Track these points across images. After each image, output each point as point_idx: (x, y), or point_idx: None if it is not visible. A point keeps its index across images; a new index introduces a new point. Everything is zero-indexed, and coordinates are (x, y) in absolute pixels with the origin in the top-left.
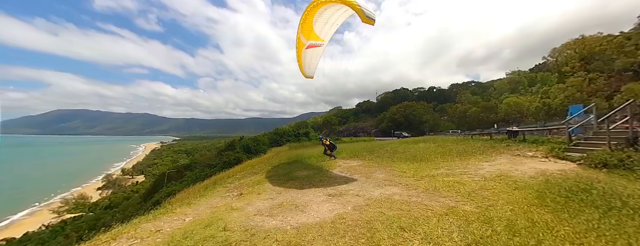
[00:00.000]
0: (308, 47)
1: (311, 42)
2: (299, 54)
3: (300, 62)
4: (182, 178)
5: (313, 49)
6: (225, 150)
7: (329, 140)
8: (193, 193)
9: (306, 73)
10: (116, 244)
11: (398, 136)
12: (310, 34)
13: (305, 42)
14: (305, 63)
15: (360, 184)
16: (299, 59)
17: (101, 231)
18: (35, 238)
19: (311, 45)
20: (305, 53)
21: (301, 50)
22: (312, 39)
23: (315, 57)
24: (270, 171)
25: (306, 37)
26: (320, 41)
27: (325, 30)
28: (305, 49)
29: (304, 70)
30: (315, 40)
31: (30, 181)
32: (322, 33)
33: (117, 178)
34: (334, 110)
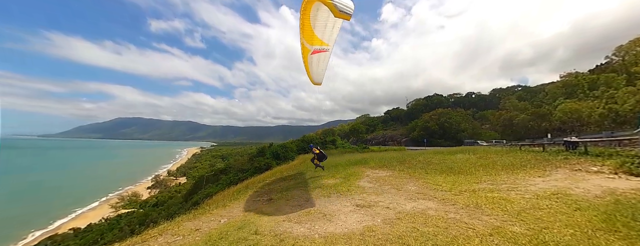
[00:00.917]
0: (313, 52)
1: (316, 47)
2: (305, 60)
3: (307, 68)
4: (218, 181)
5: (318, 54)
6: (256, 156)
7: (319, 149)
8: (227, 196)
9: (314, 80)
10: (162, 239)
11: (471, 144)
12: (313, 39)
13: (310, 47)
14: (313, 69)
15: (391, 196)
16: (306, 65)
17: (150, 227)
18: (96, 229)
19: (316, 50)
20: (311, 59)
21: (307, 56)
22: (316, 44)
23: (322, 63)
24: (298, 178)
25: (309, 42)
26: (325, 46)
27: (327, 34)
28: (310, 55)
29: (312, 76)
30: (320, 45)
31: (96, 179)
32: (325, 37)
33: (164, 179)
34: (361, 118)
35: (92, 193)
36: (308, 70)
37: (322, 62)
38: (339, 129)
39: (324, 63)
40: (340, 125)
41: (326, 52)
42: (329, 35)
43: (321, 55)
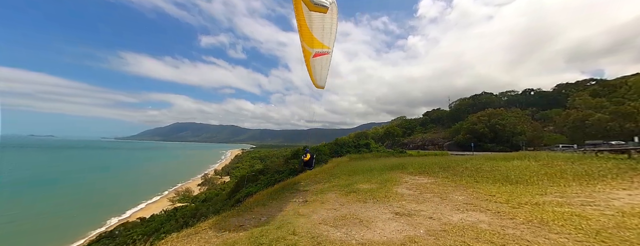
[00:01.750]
0: (315, 55)
1: (317, 50)
2: (308, 64)
3: (310, 71)
4: (256, 181)
5: (320, 57)
6: (291, 158)
7: (311, 155)
8: (266, 195)
9: (318, 84)
10: (211, 232)
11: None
12: (313, 42)
13: (311, 50)
14: (316, 72)
15: (434, 205)
16: (309, 68)
17: (201, 220)
18: (157, 219)
19: (318, 53)
20: (313, 62)
21: (309, 59)
22: (316, 46)
23: (324, 66)
24: (332, 181)
25: (309, 45)
26: (326, 49)
27: (326, 36)
28: (312, 58)
29: (315, 80)
30: (321, 48)
31: (157, 176)
32: (325, 40)
33: (211, 177)
34: (397, 120)
35: (154, 188)
36: (311, 74)
37: (325, 65)
38: (373, 132)
39: (326, 67)
40: (374, 128)
41: (327, 54)
42: (329, 38)
43: (323, 58)
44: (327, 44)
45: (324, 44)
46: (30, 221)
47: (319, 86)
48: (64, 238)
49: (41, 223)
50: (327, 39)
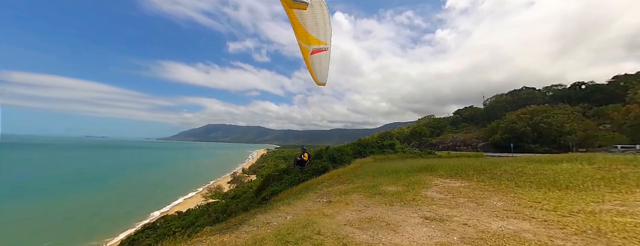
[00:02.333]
0: (313, 52)
1: (314, 47)
2: (307, 62)
3: (310, 69)
4: (281, 180)
5: (319, 54)
6: (314, 159)
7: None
8: (291, 195)
9: (319, 81)
10: (241, 227)
11: None
12: (309, 39)
13: (308, 47)
14: (316, 69)
15: (469, 211)
16: (309, 66)
17: (232, 216)
18: (193, 213)
19: (315, 50)
20: (312, 59)
21: (307, 56)
22: (313, 43)
23: (324, 63)
24: (356, 182)
25: (306, 42)
26: (323, 45)
27: (321, 32)
28: (311, 55)
29: (316, 77)
30: (318, 45)
31: (192, 173)
32: (321, 36)
33: (239, 175)
34: (424, 120)
35: (190, 184)
36: (311, 71)
37: (324, 62)
38: (398, 132)
39: (325, 63)
40: (399, 128)
41: (326, 51)
42: (324, 34)
43: (321, 54)
44: (323, 40)
45: (321, 40)
46: (88, 211)
47: (320, 83)
48: (117, 227)
49: (98, 213)
50: (322, 34)
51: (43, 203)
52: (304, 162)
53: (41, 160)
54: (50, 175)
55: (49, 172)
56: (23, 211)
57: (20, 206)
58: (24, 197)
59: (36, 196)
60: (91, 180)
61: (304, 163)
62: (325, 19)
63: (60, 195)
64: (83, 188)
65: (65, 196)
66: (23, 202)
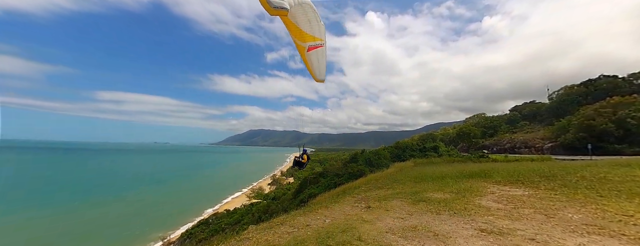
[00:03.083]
0: (309, 49)
1: (310, 44)
2: (304, 59)
3: (308, 66)
4: (317, 183)
5: (315, 50)
6: (349, 162)
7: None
8: (328, 198)
9: (317, 77)
10: (283, 228)
11: None
12: (303, 36)
13: (303, 44)
14: (314, 66)
15: (536, 224)
16: (306, 63)
17: (274, 216)
18: (239, 212)
19: (311, 47)
20: (309, 56)
21: (304, 53)
22: (307, 40)
23: (321, 59)
24: (396, 188)
25: (300, 39)
26: (319, 41)
27: (315, 28)
28: (307, 52)
29: (314, 74)
30: (313, 41)
31: (239, 174)
32: (315, 32)
33: (278, 177)
34: (473, 119)
35: (236, 185)
36: (309, 68)
37: (321, 58)
38: (442, 133)
39: (323, 59)
40: (444, 129)
41: (322, 47)
42: (318, 30)
43: (318, 51)
44: (318, 36)
45: (315, 37)
46: (157, 206)
47: (318, 80)
48: (179, 221)
49: (164, 208)
50: (317, 31)
51: (125, 198)
52: (303, 163)
53: (124, 162)
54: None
55: (131, 172)
56: (111, 204)
57: (111, 200)
58: (117, 192)
59: (121, 192)
60: (160, 180)
61: (303, 164)
62: (316, 17)
63: (137, 192)
64: (155, 186)
65: (140, 193)
66: (113, 196)
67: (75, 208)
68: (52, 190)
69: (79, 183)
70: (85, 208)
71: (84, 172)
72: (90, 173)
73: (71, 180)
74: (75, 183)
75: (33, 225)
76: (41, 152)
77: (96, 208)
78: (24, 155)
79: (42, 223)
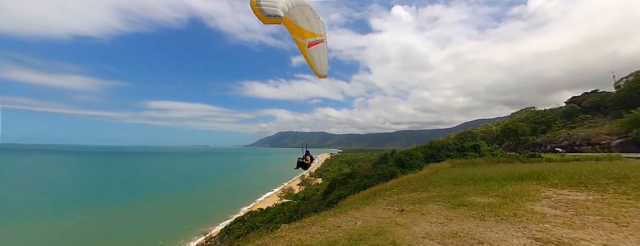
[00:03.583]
0: (309, 45)
1: (310, 40)
2: (305, 55)
3: (310, 62)
4: (346, 184)
5: (315, 46)
6: (379, 163)
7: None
8: (358, 199)
9: (320, 73)
10: (314, 228)
11: None
12: (303, 33)
13: (304, 41)
14: (315, 61)
15: (605, 233)
16: (308, 60)
17: (305, 216)
18: (271, 211)
19: (311, 43)
20: (310, 52)
21: (304, 50)
22: (307, 37)
23: (322, 54)
24: (432, 191)
25: (300, 36)
26: (319, 37)
27: (314, 25)
28: (307, 48)
29: (317, 69)
30: (313, 38)
31: (270, 175)
32: (314, 28)
33: (307, 178)
34: (521, 113)
35: (269, 185)
36: (311, 64)
37: (322, 54)
38: (483, 131)
39: (324, 55)
40: (485, 126)
41: (322, 42)
42: (317, 26)
43: (319, 46)
44: (317, 32)
45: (315, 33)
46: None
47: (321, 75)
48: (217, 218)
49: (205, 206)
50: (315, 27)
51: (176, 195)
52: (307, 164)
53: (172, 164)
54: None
55: (179, 173)
56: (165, 201)
57: (164, 197)
58: (169, 190)
59: (172, 190)
60: (203, 179)
61: (307, 165)
62: (314, 14)
63: (185, 190)
64: (198, 184)
65: (188, 190)
66: (166, 193)
67: (137, 204)
68: (117, 188)
69: (138, 182)
70: (144, 204)
71: (141, 172)
72: (146, 173)
73: (132, 180)
74: (135, 182)
75: (102, 217)
76: (104, 156)
77: (153, 203)
78: (91, 159)
79: (109, 215)
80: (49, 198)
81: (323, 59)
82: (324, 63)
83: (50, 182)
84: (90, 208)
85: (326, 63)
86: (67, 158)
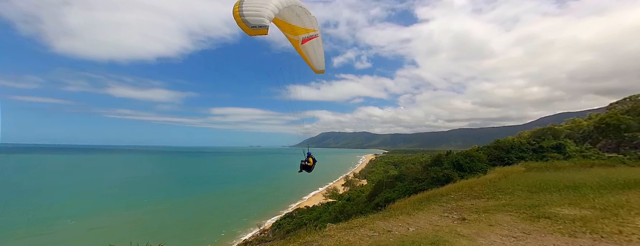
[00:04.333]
0: (303, 41)
1: (303, 36)
2: (300, 52)
3: (306, 58)
4: (393, 187)
5: (310, 41)
6: (431, 165)
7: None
8: (409, 204)
9: (316, 68)
10: (363, 231)
11: None
12: (294, 30)
13: (297, 37)
14: (311, 57)
15: None
16: (303, 56)
17: (352, 217)
18: (317, 209)
19: (305, 39)
20: (304, 48)
21: (298, 47)
22: (300, 33)
23: (318, 49)
24: (501, 198)
25: (292, 33)
26: (312, 32)
27: (306, 21)
28: (301, 44)
29: (313, 65)
30: (306, 33)
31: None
32: (306, 24)
33: (351, 179)
34: (625, 103)
35: (313, 184)
36: (307, 60)
37: (317, 48)
38: (569, 127)
39: (319, 49)
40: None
41: (317, 37)
42: (309, 22)
43: (313, 41)
44: (310, 28)
45: (308, 28)
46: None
47: (318, 71)
48: (269, 213)
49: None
50: (307, 23)
51: (238, 190)
52: (310, 167)
53: (233, 163)
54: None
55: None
56: (230, 195)
57: (229, 191)
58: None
59: (235, 185)
60: (259, 176)
61: (310, 167)
62: (305, 11)
63: (245, 185)
64: (256, 181)
65: (247, 186)
66: (231, 188)
67: (206, 196)
68: (191, 182)
69: (207, 178)
70: (212, 196)
71: (209, 169)
72: (214, 170)
73: (203, 175)
74: (204, 177)
75: (180, 205)
76: (180, 155)
77: (219, 196)
78: (170, 158)
79: (185, 204)
80: (140, 188)
81: (319, 54)
82: (320, 58)
83: (140, 176)
84: (171, 198)
85: (322, 57)
86: (153, 157)
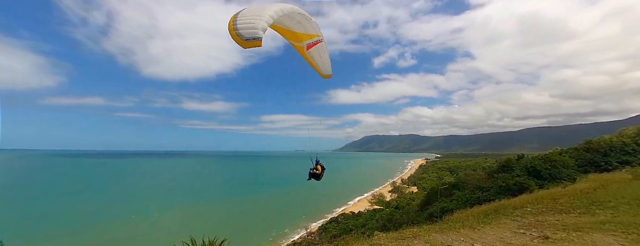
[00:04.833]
0: (308, 47)
1: (307, 42)
2: (306, 58)
3: (312, 64)
4: (450, 196)
5: (314, 47)
6: (498, 172)
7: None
8: (472, 216)
9: (324, 73)
10: (417, 242)
11: None
12: (298, 37)
13: (301, 44)
14: (317, 62)
15: None
16: (310, 62)
17: (403, 227)
18: (363, 216)
19: (310, 45)
20: (310, 54)
21: (304, 53)
22: (303, 40)
23: (323, 54)
24: (598, 214)
25: (296, 40)
26: (315, 37)
27: (308, 27)
28: (307, 51)
29: (321, 70)
30: (310, 39)
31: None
32: (309, 30)
33: (399, 185)
34: None
35: (358, 190)
36: (314, 66)
37: (323, 53)
38: None
39: (325, 54)
40: None
41: (321, 42)
42: (311, 28)
43: (318, 47)
44: (313, 33)
45: (311, 34)
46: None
47: (325, 76)
48: (316, 217)
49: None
50: (310, 29)
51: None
52: (319, 175)
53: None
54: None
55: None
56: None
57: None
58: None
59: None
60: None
61: (319, 175)
62: (305, 17)
63: (295, 188)
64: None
65: (297, 189)
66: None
67: (259, 197)
68: (247, 183)
69: (260, 179)
70: (263, 197)
71: (260, 172)
72: (265, 173)
73: (256, 177)
74: (258, 179)
75: (239, 204)
76: (237, 158)
77: (270, 197)
78: (229, 161)
79: (243, 203)
80: (208, 188)
81: (325, 59)
82: (326, 63)
83: (203, 178)
84: (231, 197)
85: (328, 62)
86: (217, 160)
